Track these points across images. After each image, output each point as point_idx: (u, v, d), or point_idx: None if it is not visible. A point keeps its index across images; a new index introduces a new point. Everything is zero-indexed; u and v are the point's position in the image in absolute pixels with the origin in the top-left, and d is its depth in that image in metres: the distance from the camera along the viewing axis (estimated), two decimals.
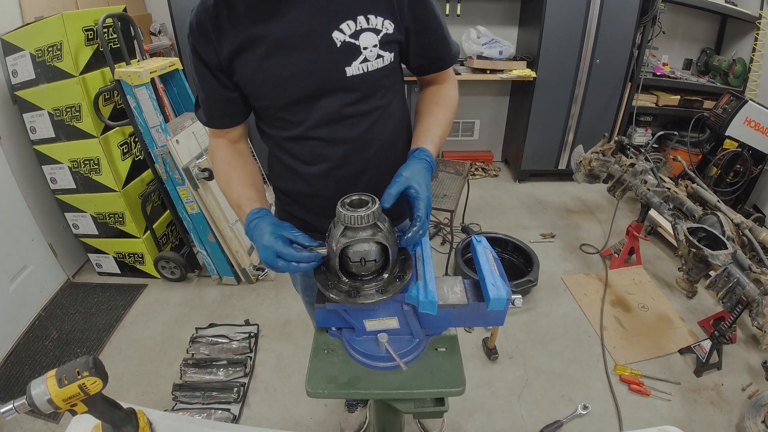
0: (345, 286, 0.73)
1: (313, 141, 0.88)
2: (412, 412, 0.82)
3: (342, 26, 0.77)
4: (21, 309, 2.18)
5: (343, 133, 0.87)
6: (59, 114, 2.08)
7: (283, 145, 0.93)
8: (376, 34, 0.79)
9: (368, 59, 0.81)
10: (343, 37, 0.78)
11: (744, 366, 1.91)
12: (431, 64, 0.93)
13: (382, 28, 0.80)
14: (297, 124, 0.87)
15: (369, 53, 0.80)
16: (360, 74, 0.81)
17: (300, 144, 0.90)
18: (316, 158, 0.91)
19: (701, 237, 1.87)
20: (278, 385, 1.87)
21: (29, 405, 0.71)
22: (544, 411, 1.74)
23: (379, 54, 0.81)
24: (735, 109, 2.64)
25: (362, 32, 0.78)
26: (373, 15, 0.78)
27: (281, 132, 0.90)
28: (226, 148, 0.96)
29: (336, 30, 0.77)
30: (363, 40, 0.79)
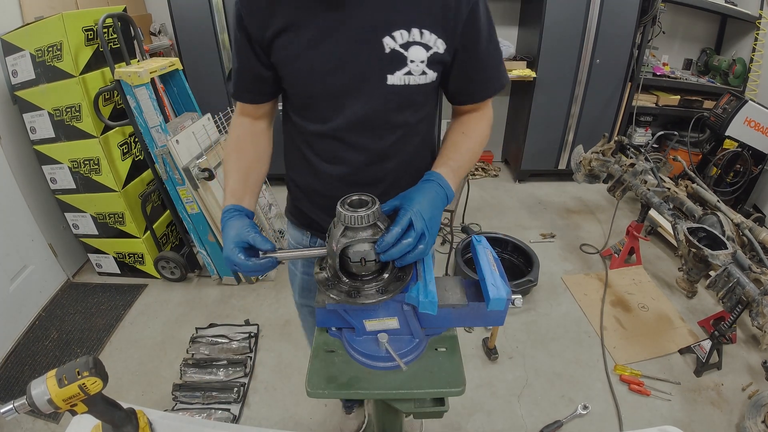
0: (345, 286, 0.73)
1: (338, 141, 0.86)
2: (412, 412, 0.82)
3: (395, 33, 0.75)
4: (21, 309, 2.18)
5: (368, 140, 0.86)
6: (59, 114, 2.08)
7: (306, 138, 0.91)
8: (427, 50, 0.77)
9: (412, 72, 0.78)
10: (394, 45, 0.76)
11: (744, 366, 1.91)
12: (467, 92, 0.89)
13: (433, 46, 0.78)
14: (325, 120, 0.85)
15: (415, 67, 0.78)
16: (401, 85, 0.79)
17: (324, 141, 0.88)
18: (336, 159, 0.89)
19: (701, 237, 1.87)
20: (278, 385, 1.87)
21: (29, 405, 0.71)
22: (544, 411, 1.74)
23: (424, 70, 0.79)
24: (735, 109, 2.64)
25: (413, 44, 0.76)
26: (428, 31, 0.76)
27: (308, 124, 0.88)
28: (244, 125, 0.95)
29: (388, 36, 0.75)
30: (412, 52, 0.77)
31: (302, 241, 1.08)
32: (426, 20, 0.76)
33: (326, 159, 0.90)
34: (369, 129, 0.85)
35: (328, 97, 0.82)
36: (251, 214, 0.86)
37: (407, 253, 0.70)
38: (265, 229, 2.65)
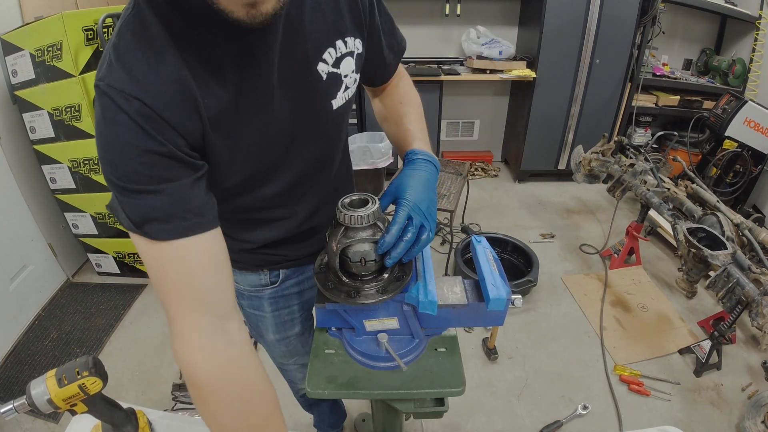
0: (345, 286, 0.73)
1: (301, 186, 0.78)
2: (412, 412, 0.82)
3: (325, 56, 0.66)
4: (21, 309, 2.18)
5: (320, 169, 0.80)
6: (59, 114, 2.08)
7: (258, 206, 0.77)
8: (352, 56, 0.71)
9: (348, 86, 0.72)
10: (327, 68, 0.67)
11: (744, 366, 1.91)
12: (385, 69, 0.84)
13: (355, 49, 0.71)
14: (283, 176, 0.73)
15: (348, 80, 0.72)
16: (344, 104, 0.73)
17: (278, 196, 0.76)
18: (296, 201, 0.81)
19: (701, 237, 1.87)
20: (278, 385, 1.86)
21: (29, 405, 0.71)
22: (544, 411, 1.74)
23: (355, 78, 0.73)
24: (735, 109, 2.64)
25: (342, 58, 0.69)
26: (349, 36, 0.69)
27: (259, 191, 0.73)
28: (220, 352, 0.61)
29: (320, 61, 0.66)
30: (343, 67, 0.69)
31: (261, 282, 0.93)
32: (344, 26, 0.68)
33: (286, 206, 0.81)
34: (319, 161, 0.79)
35: (286, 153, 0.71)
36: None
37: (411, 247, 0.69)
38: None
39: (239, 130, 0.62)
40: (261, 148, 0.66)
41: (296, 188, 0.78)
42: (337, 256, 0.70)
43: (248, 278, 0.93)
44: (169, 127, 0.54)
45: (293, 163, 0.73)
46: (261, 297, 0.97)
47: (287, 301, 0.99)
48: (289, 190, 0.76)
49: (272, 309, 0.99)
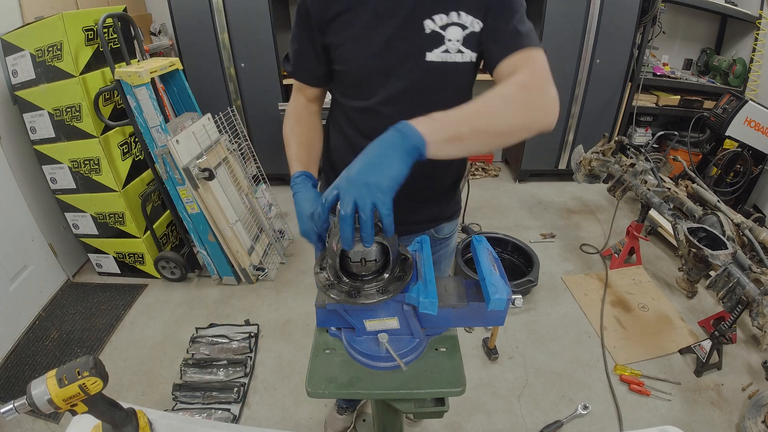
0: (345, 286, 0.73)
1: (379, 116, 0.91)
2: (413, 412, 0.82)
3: (435, 17, 0.81)
4: (21, 309, 2.18)
5: (405, 116, 0.83)
6: (59, 114, 2.08)
7: (349, 115, 0.97)
8: (463, 29, 0.82)
9: (449, 50, 0.83)
10: (433, 26, 0.82)
11: (744, 366, 1.91)
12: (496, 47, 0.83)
13: (469, 26, 0.83)
14: (369, 97, 0.90)
15: (451, 45, 0.83)
16: (439, 62, 0.84)
17: (365, 115, 0.93)
18: (376, 133, 0.86)
19: (701, 237, 1.87)
20: (278, 385, 1.87)
21: (29, 405, 0.71)
22: (544, 411, 1.74)
23: (460, 49, 0.84)
24: (735, 109, 2.64)
25: (451, 25, 0.82)
26: (465, 12, 0.82)
27: (352, 101, 0.94)
28: (301, 102, 1.02)
29: (428, 18, 0.81)
30: (449, 32, 0.82)
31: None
32: (464, 2, 0.81)
33: (366, 134, 0.94)
34: (408, 104, 0.88)
35: (376, 75, 0.88)
36: (316, 183, 0.92)
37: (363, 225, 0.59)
38: (265, 229, 2.65)
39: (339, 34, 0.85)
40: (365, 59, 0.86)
41: (377, 119, 0.88)
42: (337, 255, 0.70)
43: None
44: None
45: (380, 90, 0.88)
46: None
47: None
48: (372, 116, 0.91)
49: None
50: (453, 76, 0.87)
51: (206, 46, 3.01)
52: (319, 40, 0.89)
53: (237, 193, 2.47)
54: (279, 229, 2.82)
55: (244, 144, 2.69)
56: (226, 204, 2.33)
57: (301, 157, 0.95)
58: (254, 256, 2.49)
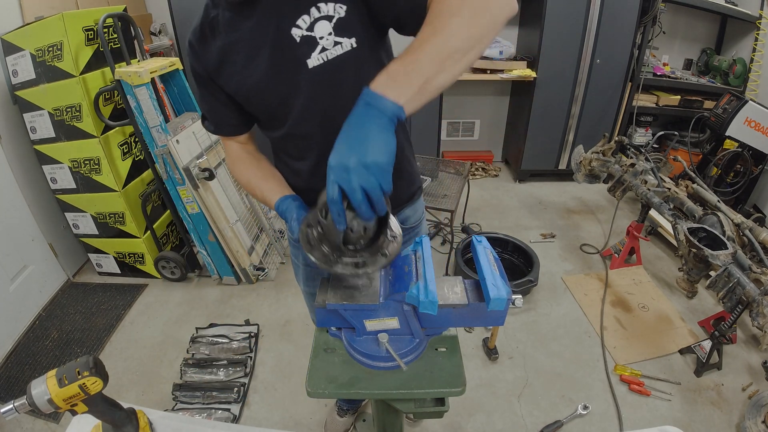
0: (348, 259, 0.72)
1: (298, 139, 0.92)
2: (413, 412, 0.82)
3: (299, 21, 0.78)
4: (21, 309, 2.18)
5: (322, 128, 0.88)
6: (59, 114, 2.08)
7: (277, 145, 0.99)
8: (329, 21, 0.78)
9: (326, 48, 0.80)
10: (301, 32, 0.79)
11: (744, 366, 1.91)
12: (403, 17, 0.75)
13: (334, 14, 0.78)
14: (281, 124, 0.90)
15: (325, 42, 0.79)
16: (320, 64, 0.80)
17: (287, 142, 0.95)
18: (302, 153, 0.94)
19: (701, 237, 1.87)
20: (278, 385, 1.87)
21: (29, 405, 0.71)
22: (544, 411, 1.74)
23: (336, 41, 0.79)
24: (735, 109, 2.64)
25: (316, 22, 0.78)
26: (323, 2, 0.77)
27: (271, 133, 0.95)
28: (239, 150, 1.02)
29: (294, 26, 0.78)
30: (318, 30, 0.79)
31: None
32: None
33: (297, 156, 0.97)
34: (316, 116, 0.87)
35: (275, 103, 0.87)
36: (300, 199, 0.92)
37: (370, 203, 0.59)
38: (265, 229, 2.65)
39: (229, 79, 0.86)
40: (252, 95, 0.87)
41: (298, 140, 0.92)
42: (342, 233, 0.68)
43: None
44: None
45: (288, 114, 0.88)
46: (299, 248, 1.11)
47: None
48: (293, 139, 0.93)
49: (304, 263, 1.14)
50: (344, 70, 0.82)
51: None
52: (221, 95, 0.90)
53: (237, 193, 2.48)
54: (279, 229, 2.82)
55: None
56: (226, 204, 2.33)
57: (274, 187, 0.94)
58: (254, 256, 2.49)
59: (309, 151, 0.93)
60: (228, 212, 2.30)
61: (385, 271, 0.82)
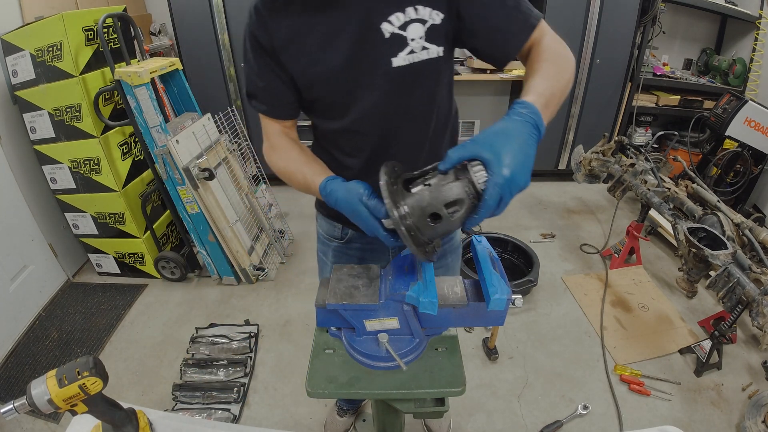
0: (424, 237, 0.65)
1: (357, 134, 0.89)
2: (413, 412, 0.82)
3: (391, 17, 0.77)
4: (21, 309, 2.18)
5: (384, 127, 0.87)
6: (59, 114, 2.08)
7: (329, 137, 0.95)
8: (423, 24, 0.78)
9: (414, 51, 0.79)
10: (392, 29, 0.77)
11: (744, 366, 1.91)
12: (499, 49, 0.82)
13: (429, 19, 0.78)
14: (343, 116, 0.87)
15: (415, 45, 0.79)
16: (405, 65, 0.80)
17: (344, 136, 0.91)
18: (357, 150, 0.91)
19: (701, 237, 1.87)
20: (278, 385, 1.87)
21: (29, 405, 0.71)
22: (544, 411, 1.74)
23: (424, 46, 0.80)
24: (735, 109, 2.64)
25: (410, 23, 0.78)
26: (422, 5, 0.77)
27: (328, 123, 0.92)
28: (280, 136, 0.95)
29: (385, 21, 0.77)
30: (410, 31, 0.78)
31: (333, 233, 1.10)
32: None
33: (348, 153, 0.93)
34: (383, 115, 0.86)
35: (342, 93, 0.84)
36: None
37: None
38: (265, 229, 2.65)
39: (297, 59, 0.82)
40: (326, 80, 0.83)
41: (355, 136, 0.89)
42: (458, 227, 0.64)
43: (325, 226, 1.12)
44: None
45: (351, 108, 0.85)
46: (329, 246, 1.13)
47: (347, 260, 1.11)
48: (349, 134, 0.90)
49: (333, 260, 1.13)
50: (424, 76, 0.83)
51: (206, 46, 3.01)
52: (282, 70, 0.85)
53: (237, 193, 2.48)
54: (279, 229, 2.82)
55: (244, 144, 2.69)
56: (226, 204, 2.33)
57: (315, 170, 0.87)
58: (254, 256, 2.49)
59: (363, 148, 0.91)
60: (228, 212, 2.30)
61: (385, 270, 0.82)
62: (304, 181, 0.87)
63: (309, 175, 0.86)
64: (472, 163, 0.60)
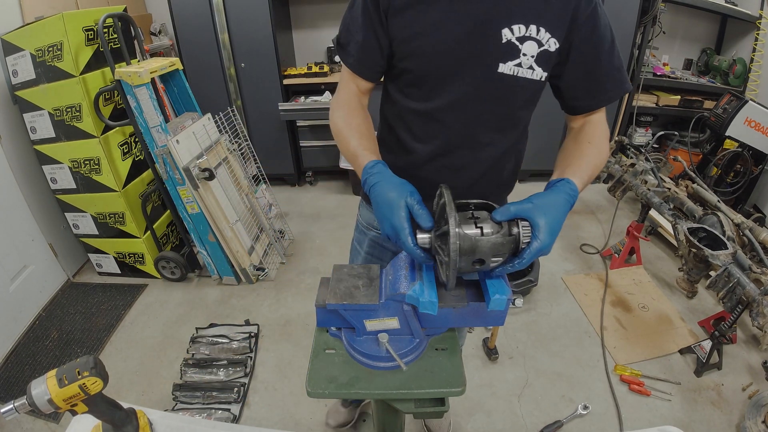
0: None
1: (436, 121, 0.88)
2: (413, 412, 0.82)
3: (513, 26, 0.77)
4: (21, 309, 2.18)
5: (465, 124, 0.87)
6: (59, 114, 2.08)
7: (403, 116, 0.92)
8: (539, 46, 0.79)
9: (522, 65, 0.80)
10: (511, 36, 0.78)
11: (744, 366, 1.91)
12: (587, 95, 0.87)
13: (545, 44, 0.79)
14: (429, 99, 0.86)
15: (525, 60, 0.80)
16: (509, 75, 0.81)
17: (422, 119, 0.89)
18: (430, 137, 0.90)
19: (701, 237, 1.87)
20: (278, 385, 1.87)
21: (29, 405, 0.71)
22: (544, 411, 1.74)
23: (532, 65, 0.80)
24: (735, 109, 2.64)
25: (528, 39, 0.78)
26: (544, 28, 0.78)
27: (410, 102, 0.89)
28: (353, 95, 0.93)
29: (507, 27, 0.77)
30: (525, 46, 0.79)
31: (374, 223, 1.09)
32: (544, 17, 0.77)
33: (419, 138, 0.91)
34: (469, 112, 0.85)
35: (440, 76, 0.83)
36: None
37: None
38: (265, 229, 2.65)
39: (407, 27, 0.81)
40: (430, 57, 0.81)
41: (431, 121, 0.88)
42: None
43: (365, 213, 1.12)
44: None
45: (440, 93, 0.84)
46: (366, 235, 1.13)
47: (381, 252, 1.13)
48: (426, 118, 0.88)
49: (367, 251, 1.14)
50: (520, 92, 0.84)
51: (206, 46, 3.01)
52: (385, 31, 0.84)
53: (237, 193, 2.48)
54: (279, 229, 2.82)
55: (244, 144, 2.69)
56: (226, 204, 2.33)
57: (368, 146, 0.84)
58: (254, 256, 2.49)
59: (435, 136, 0.89)
60: (228, 212, 2.30)
61: (385, 271, 0.82)
62: (354, 150, 0.84)
63: (360, 148, 0.83)
64: (522, 223, 0.66)
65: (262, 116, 3.26)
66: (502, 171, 0.98)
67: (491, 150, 0.92)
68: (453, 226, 0.61)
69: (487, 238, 0.65)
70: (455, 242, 0.60)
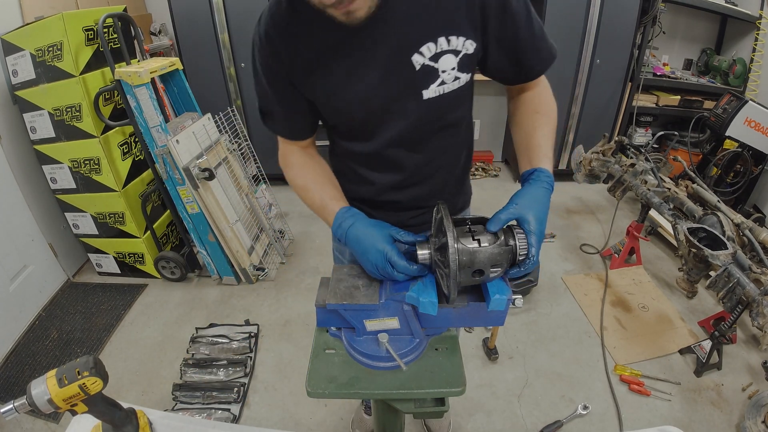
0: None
1: (384, 158, 0.88)
2: (413, 412, 0.82)
3: (422, 49, 0.74)
4: (21, 309, 2.18)
5: (411, 153, 0.88)
6: (59, 114, 2.08)
7: (353, 156, 0.93)
8: (456, 55, 0.76)
9: (445, 81, 0.78)
10: (423, 60, 0.75)
11: (744, 366, 1.91)
12: (522, 72, 0.86)
13: (462, 49, 0.76)
14: (368, 140, 0.86)
15: (447, 76, 0.77)
16: (436, 97, 0.79)
17: (370, 157, 0.90)
18: (385, 169, 0.91)
19: (701, 237, 1.87)
20: (278, 385, 1.87)
21: (29, 405, 0.71)
22: (544, 411, 1.74)
23: (456, 76, 0.78)
24: (735, 109, 2.64)
25: (442, 54, 0.75)
26: (454, 36, 0.74)
27: (352, 145, 0.90)
28: (298, 153, 0.93)
29: (416, 53, 0.74)
30: (442, 62, 0.76)
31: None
32: (451, 25, 0.74)
33: (375, 169, 0.92)
34: (412, 139, 0.86)
35: (368, 122, 0.83)
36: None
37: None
38: (265, 229, 2.65)
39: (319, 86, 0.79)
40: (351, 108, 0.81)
41: (383, 159, 0.89)
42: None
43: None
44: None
45: (380, 134, 0.84)
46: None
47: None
48: (378, 158, 0.89)
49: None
50: (454, 101, 0.83)
51: (206, 46, 3.01)
52: (300, 95, 0.82)
53: (237, 193, 2.48)
54: (279, 229, 2.82)
55: (244, 144, 2.69)
56: (226, 204, 2.33)
57: (333, 194, 0.87)
58: (254, 256, 2.49)
59: (388, 168, 0.90)
60: (228, 212, 2.30)
61: None
62: (320, 203, 0.87)
63: (327, 199, 0.86)
64: (517, 231, 0.69)
65: None
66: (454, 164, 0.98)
67: (446, 155, 0.93)
68: (451, 240, 0.63)
69: (484, 249, 0.67)
70: (454, 255, 0.62)
